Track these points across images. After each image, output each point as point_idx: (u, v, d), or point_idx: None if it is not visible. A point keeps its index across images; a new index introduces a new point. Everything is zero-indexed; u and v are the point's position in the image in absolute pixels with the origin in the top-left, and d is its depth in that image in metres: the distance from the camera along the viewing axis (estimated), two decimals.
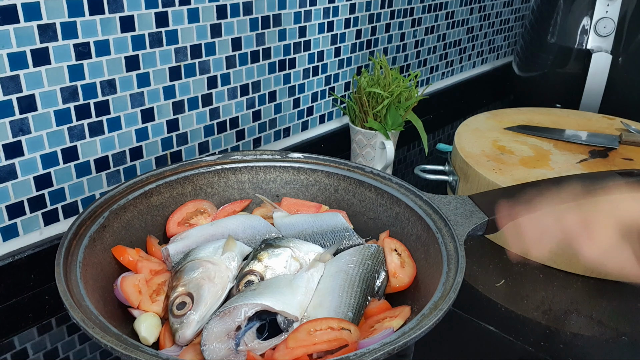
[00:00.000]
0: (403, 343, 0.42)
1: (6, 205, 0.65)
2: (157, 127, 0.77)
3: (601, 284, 0.75)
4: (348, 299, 0.52)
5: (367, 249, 0.59)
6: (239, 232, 0.62)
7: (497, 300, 0.71)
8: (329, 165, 0.70)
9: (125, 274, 0.55)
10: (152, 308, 0.53)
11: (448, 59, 1.38)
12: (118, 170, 0.75)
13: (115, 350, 0.41)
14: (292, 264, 0.57)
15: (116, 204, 0.59)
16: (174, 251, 0.59)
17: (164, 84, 0.76)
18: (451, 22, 1.32)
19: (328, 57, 1.01)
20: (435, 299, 0.48)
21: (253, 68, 0.87)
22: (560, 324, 0.67)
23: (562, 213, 0.55)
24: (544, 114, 1.08)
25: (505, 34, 1.59)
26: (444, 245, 0.55)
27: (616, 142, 0.95)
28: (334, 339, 0.47)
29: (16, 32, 0.60)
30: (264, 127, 0.94)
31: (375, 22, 1.08)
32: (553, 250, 0.70)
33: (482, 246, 0.82)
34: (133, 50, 0.71)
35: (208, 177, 0.68)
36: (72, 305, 0.45)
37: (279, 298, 0.50)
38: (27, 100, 0.63)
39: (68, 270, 0.49)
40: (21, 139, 0.64)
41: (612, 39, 1.19)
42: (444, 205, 0.61)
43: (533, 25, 1.31)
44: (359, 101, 0.92)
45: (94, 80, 0.68)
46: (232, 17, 0.81)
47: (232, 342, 0.47)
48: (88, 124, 0.69)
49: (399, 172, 1.06)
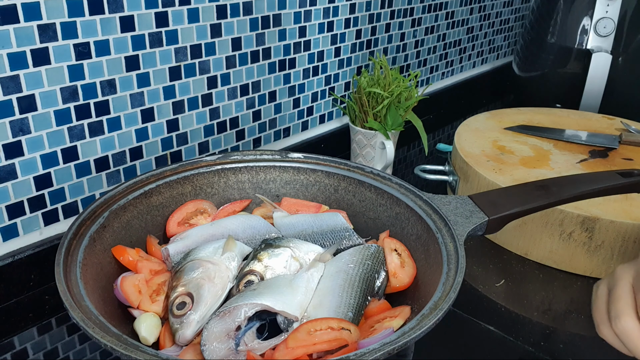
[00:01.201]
0: (403, 343, 0.42)
1: (6, 205, 0.65)
2: (157, 127, 0.77)
3: None
4: (348, 299, 0.52)
5: (367, 249, 0.59)
6: (239, 232, 0.62)
7: (497, 300, 0.71)
8: (329, 165, 0.70)
9: (125, 274, 0.55)
10: (152, 308, 0.53)
11: (448, 59, 1.38)
12: (118, 170, 0.75)
13: (115, 350, 0.41)
14: (292, 264, 0.57)
15: (116, 204, 0.59)
16: (174, 251, 0.59)
17: (164, 84, 0.76)
18: (451, 22, 1.32)
19: (328, 57, 1.01)
20: (435, 299, 0.48)
21: (253, 68, 0.87)
22: (560, 324, 0.67)
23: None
24: (544, 114, 1.08)
25: (505, 34, 1.59)
26: (444, 245, 0.55)
27: (616, 142, 0.95)
28: (334, 339, 0.47)
29: (16, 32, 0.60)
30: (264, 127, 0.94)
31: (375, 22, 1.08)
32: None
33: (482, 246, 0.82)
34: (133, 50, 0.71)
35: (208, 177, 0.68)
36: (72, 305, 0.45)
37: (279, 298, 0.50)
38: (27, 100, 0.63)
39: (68, 270, 0.49)
40: (21, 139, 0.64)
41: (612, 39, 1.19)
42: (444, 205, 0.61)
43: (533, 25, 1.31)
44: (359, 101, 0.92)
45: (94, 80, 0.68)
46: (232, 17, 0.81)
47: (232, 342, 0.47)
48: (88, 124, 0.69)
49: (399, 172, 1.06)
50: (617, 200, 0.76)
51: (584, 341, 0.65)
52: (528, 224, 0.77)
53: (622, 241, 0.72)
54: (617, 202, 0.75)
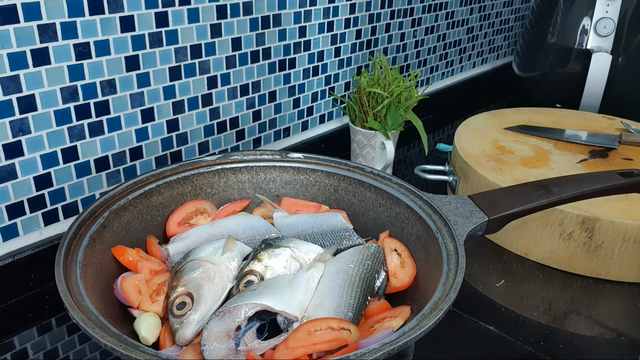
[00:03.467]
0: (403, 343, 0.42)
1: (6, 205, 0.65)
2: (157, 127, 0.77)
3: (601, 284, 0.75)
4: (348, 299, 0.52)
5: (367, 249, 0.59)
6: (239, 232, 0.62)
7: (497, 300, 0.71)
8: (329, 165, 0.70)
9: (125, 274, 0.55)
10: (152, 308, 0.53)
11: (448, 59, 1.38)
12: (118, 170, 0.75)
13: (115, 350, 0.41)
14: (292, 264, 0.57)
15: (116, 204, 0.59)
16: (174, 251, 0.59)
17: (164, 84, 0.76)
18: (451, 22, 1.32)
19: (328, 57, 1.01)
20: (435, 299, 0.48)
21: (253, 68, 0.87)
22: (560, 324, 0.67)
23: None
24: (544, 114, 1.08)
25: (505, 34, 1.59)
26: (444, 245, 0.55)
27: (616, 142, 0.95)
28: (334, 339, 0.47)
29: (16, 32, 0.60)
30: (264, 127, 0.94)
31: (375, 22, 1.08)
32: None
33: (482, 246, 0.82)
34: (133, 50, 0.71)
35: (208, 177, 0.68)
36: (72, 305, 0.45)
37: (278, 298, 0.50)
38: (27, 100, 0.63)
39: (68, 270, 0.49)
40: (21, 139, 0.64)
41: (612, 39, 1.19)
42: (444, 205, 0.61)
43: (533, 25, 1.31)
44: (359, 101, 0.92)
45: (94, 80, 0.68)
46: (232, 17, 0.81)
47: (232, 342, 0.47)
48: (88, 124, 0.69)
49: (399, 172, 1.06)
50: (617, 200, 0.76)
51: (584, 341, 0.65)
52: (528, 224, 0.77)
53: (622, 241, 0.72)
54: (617, 202, 0.75)
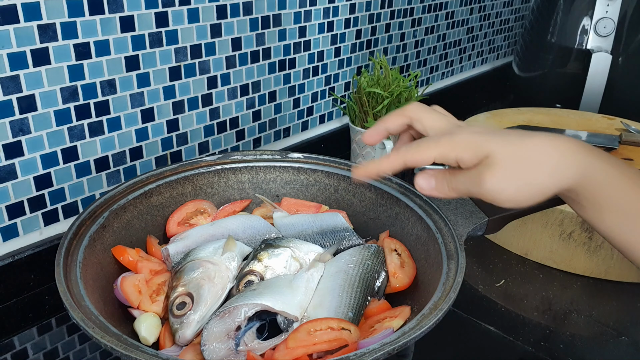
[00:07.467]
0: (403, 343, 0.42)
1: (6, 205, 0.65)
2: (157, 127, 0.77)
3: (601, 284, 0.75)
4: (348, 299, 0.52)
5: (367, 249, 0.59)
6: (239, 232, 0.62)
7: (497, 300, 0.71)
8: (329, 165, 0.70)
9: (125, 274, 0.55)
10: (152, 308, 0.53)
11: (448, 59, 1.38)
12: (118, 170, 0.75)
13: (115, 350, 0.41)
14: (292, 264, 0.57)
15: (116, 204, 0.59)
16: (174, 251, 0.59)
17: (164, 84, 0.76)
18: (451, 22, 1.32)
19: (328, 57, 1.01)
20: (435, 299, 0.48)
21: (253, 68, 0.87)
22: (560, 324, 0.67)
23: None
24: (544, 114, 1.08)
25: (505, 34, 1.59)
26: (444, 245, 0.55)
27: (616, 142, 0.95)
28: (334, 339, 0.47)
29: (16, 32, 0.60)
30: (264, 127, 0.94)
31: (375, 22, 1.08)
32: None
33: (482, 246, 0.82)
34: (133, 50, 0.71)
35: (208, 177, 0.68)
36: (72, 305, 0.45)
37: (278, 298, 0.50)
38: (27, 100, 0.63)
39: (68, 270, 0.49)
40: (21, 139, 0.64)
41: (612, 39, 1.19)
42: (444, 205, 0.61)
43: (533, 25, 1.31)
44: (359, 101, 0.92)
45: (94, 80, 0.68)
46: (232, 17, 0.81)
47: (232, 342, 0.47)
48: (88, 124, 0.69)
49: (399, 172, 1.06)
50: None
51: (584, 341, 0.65)
52: (528, 224, 0.77)
53: None
54: None
